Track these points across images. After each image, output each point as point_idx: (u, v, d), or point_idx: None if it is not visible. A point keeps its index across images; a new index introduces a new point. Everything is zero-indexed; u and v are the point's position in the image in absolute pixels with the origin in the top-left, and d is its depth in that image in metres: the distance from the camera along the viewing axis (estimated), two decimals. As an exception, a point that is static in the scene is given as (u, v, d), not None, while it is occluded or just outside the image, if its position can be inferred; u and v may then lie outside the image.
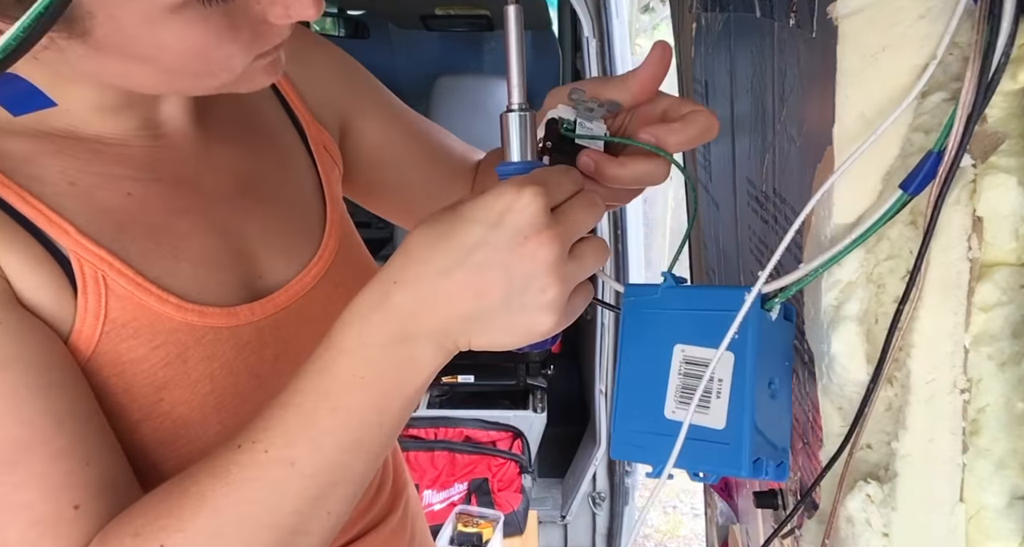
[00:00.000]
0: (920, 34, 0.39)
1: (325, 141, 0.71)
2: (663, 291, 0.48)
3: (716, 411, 0.43)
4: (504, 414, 2.43)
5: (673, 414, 0.45)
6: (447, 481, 2.33)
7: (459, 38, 3.07)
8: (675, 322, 0.46)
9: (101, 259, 0.52)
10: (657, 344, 0.46)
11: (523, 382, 2.54)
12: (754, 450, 0.42)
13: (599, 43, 2.10)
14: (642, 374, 0.47)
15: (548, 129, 0.53)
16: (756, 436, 0.42)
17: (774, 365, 0.45)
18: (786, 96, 0.50)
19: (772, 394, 0.44)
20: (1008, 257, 0.41)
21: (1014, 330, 0.41)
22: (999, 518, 0.43)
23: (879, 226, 0.41)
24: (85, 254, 0.52)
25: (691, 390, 0.45)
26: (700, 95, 0.83)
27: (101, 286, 0.52)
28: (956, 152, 0.38)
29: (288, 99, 0.70)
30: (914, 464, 0.44)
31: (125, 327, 0.53)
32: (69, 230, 0.52)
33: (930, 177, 0.39)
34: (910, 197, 0.40)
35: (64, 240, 0.51)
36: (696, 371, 0.45)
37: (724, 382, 0.43)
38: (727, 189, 0.71)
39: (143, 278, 0.54)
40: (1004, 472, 0.43)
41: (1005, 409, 0.42)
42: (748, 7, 0.57)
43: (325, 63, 0.75)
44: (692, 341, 0.45)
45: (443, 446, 2.35)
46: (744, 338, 0.43)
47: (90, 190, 0.54)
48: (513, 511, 2.29)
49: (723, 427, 0.43)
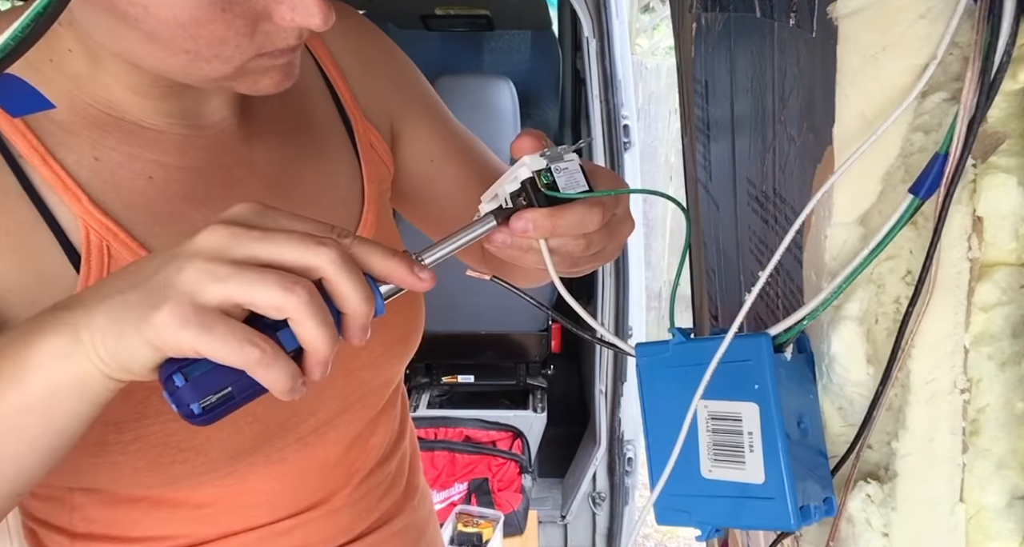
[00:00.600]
0: (920, 34, 0.39)
1: (373, 140, 0.71)
2: (673, 348, 0.46)
3: (753, 465, 0.42)
4: (504, 414, 2.43)
5: (710, 473, 0.43)
6: (447, 481, 2.33)
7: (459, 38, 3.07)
8: (693, 379, 0.43)
9: (107, 229, 0.53)
10: (680, 403, 0.44)
11: (523, 382, 2.54)
12: (799, 499, 0.41)
13: (599, 43, 2.10)
14: (671, 436, 0.45)
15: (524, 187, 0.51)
16: (798, 483, 0.41)
17: (800, 401, 0.44)
18: (786, 96, 0.50)
19: (803, 432, 0.43)
20: (1008, 257, 0.41)
21: (1014, 330, 0.41)
22: (999, 518, 0.43)
23: (893, 235, 0.41)
24: (92, 222, 0.53)
25: (721, 446, 0.43)
26: (700, 95, 0.83)
27: (104, 255, 0.53)
28: (960, 154, 0.38)
29: (340, 95, 0.69)
30: (914, 464, 0.44)
31: None
32: (81, 198, 0.53)
33: (939, 179, 0.39)
34: (922, 201, 0.40)
35: (75, 207, 0.53)
36: (723, 426, 0.43)
37: (754, 434, 0.41)
38: (727, 189, 0.71)
39: (145, 250, 0.54)
40: (1004, 472, 0.43)
41: (1005, 409, 0.42)
42: (748, 7, 0.57)
43: (381, 63, 0.74)
44: (713, 395, 0.43)
45: (443, 446, 2.35)
46: (765, 386, 0.41)
47: (112, 167, 0.55)
48: (513, 511, 2.29)
49: (763, 481, 0.41)
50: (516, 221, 0.49)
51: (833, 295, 0.43)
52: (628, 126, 2.16)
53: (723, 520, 0.43)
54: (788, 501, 0.40)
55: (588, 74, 2.17)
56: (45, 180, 0.52)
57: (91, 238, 0.53)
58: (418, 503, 0.78)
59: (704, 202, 0.88)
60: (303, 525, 0.65)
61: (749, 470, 0.42)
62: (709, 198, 0.84)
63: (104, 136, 0.55)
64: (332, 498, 0.67)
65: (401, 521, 0.74)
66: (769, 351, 0.42)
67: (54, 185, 0.52)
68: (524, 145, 0.51)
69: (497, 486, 2.34)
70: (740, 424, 0.42)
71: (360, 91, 0.70)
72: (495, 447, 2.38)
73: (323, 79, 0.69)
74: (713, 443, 0.43)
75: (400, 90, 0.75)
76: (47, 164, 0.52)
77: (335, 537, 0.67)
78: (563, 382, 2.70)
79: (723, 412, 0.43)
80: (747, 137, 0.62)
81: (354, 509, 0.69)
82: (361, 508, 0.69)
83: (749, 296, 0.45)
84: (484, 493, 2.32)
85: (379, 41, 0.75)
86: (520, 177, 0.51)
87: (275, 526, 0.64)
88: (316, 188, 0.65)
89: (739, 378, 0.42)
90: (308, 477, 0.65)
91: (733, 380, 0.42)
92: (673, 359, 0.46)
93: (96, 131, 0.55)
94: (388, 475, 0.73)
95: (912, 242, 0.42)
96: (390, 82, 0.74)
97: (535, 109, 3.16)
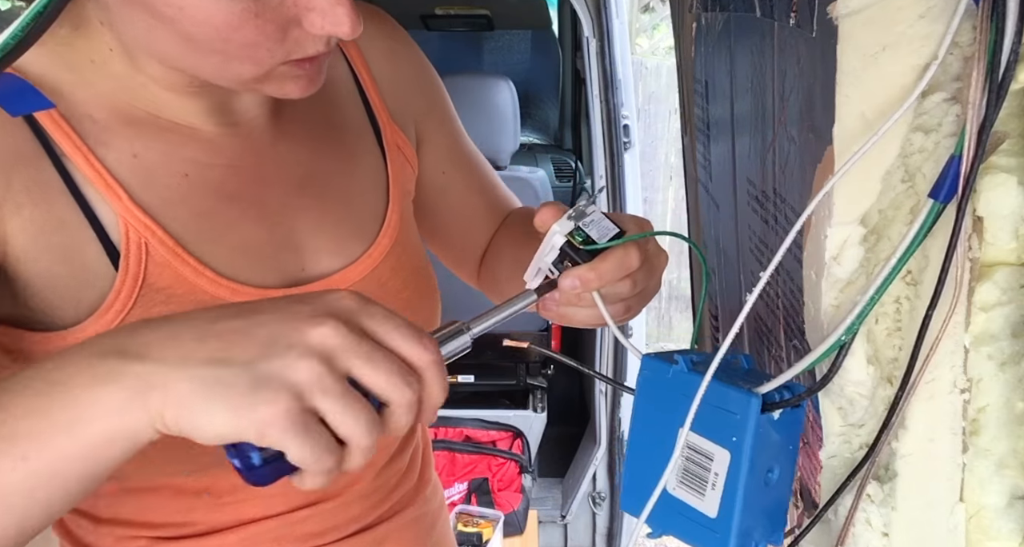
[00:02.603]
0: (920, 34, 0.39)
1: (400, 141, 0.72)
2: (675, 373, 0.48)
3: (710, 501, 0.45)
4: (504, 414, 2.43)
5: (674, 490, 0.47)
6: (447, 481, 2.33)
7: (459, 38, 3.07)
8: (683, 406, 0.46)
9: (145, 226, 0.55)
10: (665, 421, 0.47)
11: (523, 382, 2.54)
12: (739, 541, 0.44)
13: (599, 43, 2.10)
14: (649, 444, 0.49)
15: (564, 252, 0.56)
16: (743, 528, 0.44)
17: (777, 456, 0.46)
18: (786, 96, 0.50)
19: (767, 482, 0.45)
20: (1008, 257, 0.41)
21: (1014, 330, 0.41)
22: (999, 518, 0.43)
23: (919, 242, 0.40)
24: (132, 220, 0.54)
25: (689, 474, 0.46)
26: (700, 95, 0.83)
27: (143, 251, 0.54)
28: (974, 156, 0.38)
29: (369, 96, 0.71)
30: (914, 464, 0.44)
31: (159, 292, 0.55)
32: (121, 195, 0.54)
33: (957, 182, 0.39)
34: (943, 206, 0.39)
35: (115, 204, 0.54)
36: (695, 458, 0.46)
37: (719, 477, 0.44)
38: (727, 189, 0.71)
39: (182, 250, 0.56)
40: (1004, 472, 0.43)
41: (1005, 409, 0.42)
42: (748, 7, 0.57)
43: (410, 67, 0.75)
44: (696, 428, 0.45)
45: (443, 446, 2.35)
46: (741, 444, 0.43)
47: (150, 165, 0.57)
48: (513, 511, 2.29)
49: (714, 516, 0.45)
50: (564, 281, 0.54)
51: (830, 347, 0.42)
52: (628, 126, 2.17)
53: (671, 530, 0.47)
54: (731, 539, 0.44)
55: (588, 74, 2.17)
56: (87, 177, 0.54)
57: (130, 235, 0.54)
58: (429, 495, 0.79)
59: (704, 202, 0.88)
60: (317, 514, 0.66)
61: (706, 503, 0.45)
62: (709, 198, 0.84)
63: (142, 134, 0.57)
64: (347, 490, 0.68)
65: (412, 512, 0.75)
66: (756, 414, 0.43)
67: (95, 182, 0.54)
68: (547, 217, 0.55)
69: (497, 486, 2.34)
70: (711, 463, 0.45)
71: (388, 93, 0.72)
72: (495, 447, 2.38)
73: (353, 79, 0.70)
74: (684, 468, 0.47)
75: (425, 97, 0.76)
76: (89, 162, 0.54)
77: (347, 525, 0.68)
78: (563, 382, 2.70)
79: (700, 447, 0.46)
80: (747, 137, 0.62)
81: (368, 500, 0.70)
82: (375, 499, 0.70)
83: (749, 296, 0.45)
84: (484, 493, 2.32)
85: (409, 47, 0.76)
86: (556, 244, 0.56)
87: (291, 515, 0.65)
88: (343, 187, 0.67)
89: (723, 424, 0.44)
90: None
91: (717, 423, 0.44)
92: (672, 382, 0.48)
93: (134, 129, 0.56)
94: (401, 468, 0.74)
95: (912, 242, 0.42)
96: (417, 88, 0.75)
97: (535, 109, 3.16)
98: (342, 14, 0.48)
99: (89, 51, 0.55)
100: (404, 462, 0.74)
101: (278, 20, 0.48)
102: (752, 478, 0.44)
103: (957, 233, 0.39)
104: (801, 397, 0.44)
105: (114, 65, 0.55)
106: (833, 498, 0.47)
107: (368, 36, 0.71)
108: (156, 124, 0.57)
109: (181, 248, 0.56)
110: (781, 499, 0.47)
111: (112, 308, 0.53)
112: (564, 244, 0.56)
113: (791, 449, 0.47)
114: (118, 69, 0.55)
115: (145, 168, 0.56)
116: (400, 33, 0.76)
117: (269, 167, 0.62)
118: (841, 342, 0.42)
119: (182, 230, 0.56)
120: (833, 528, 0.48)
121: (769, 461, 0.45)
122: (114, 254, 0.54)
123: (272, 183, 0.62)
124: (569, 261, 0.56)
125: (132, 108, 0.57)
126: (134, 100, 0.57)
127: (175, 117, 0.58)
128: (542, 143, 3.16)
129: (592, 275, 0.53)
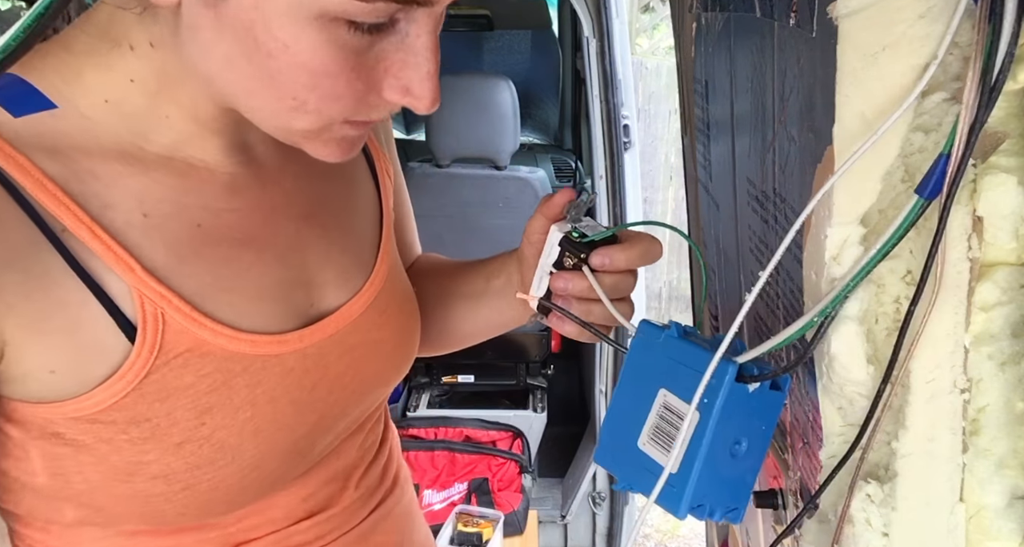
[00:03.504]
0: (920, 34, 0.39)
1: (384, 162, 0.72)
2: (665, 338, 0.51)
3: (674, 457, 0.48)
4: (504, 414, 2.43)
5: (643, 446, 0.50)
6: (447, 481, 2.33)
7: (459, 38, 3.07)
8: (666, 369, 0.50)
9: (161, 296, 0.52)
10: (649, 381, 0.51)
11: (523, 382, 2.54)
12: (695, 499, 0.47)
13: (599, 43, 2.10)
14: (631, 402, 0.52)
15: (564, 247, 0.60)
16: (700, 489, 0.47)
17: (747, 429, 0.48)
18: (786, 96, 0.50)
19: (734, 454, 0.48)
20: (1008, 257, 0.41)
21: (1014, 330, 0.41)
22: (999, 518, 0.43)
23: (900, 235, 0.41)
24: (147, 290, 0.51)
25: (660, 431, 0.49)
26: (700, 95, 0.83)
27: (159, 322, 0.52)
28: (962, 155, 0.38)
29: None
30: (914, 464, 0.44)
31: (177, 358, 0.53)
32: (134, 266, 0.51)
33: (943, 180, 0.39)
34: (927, 202, 0.40)
35: (128, 277, 0.51)
36: (668, 417, 0.49)
37: (686, 435, 0.47)
38: (727, 189, 0.71)
39: (199, 313, 0.53)
40: (1004, 472, 0.43)
41: (1005, 409, 0.42)
42: (748, 7, 0.57)
43: None
44: (674, 390, 0.49)
45: (443, 446, 2.35)
46: (712, 406, 0.46)
47: (162, 222, 0.53)
48: (513, 511, 2.29)
49: (676, 472, 0.47)
50: (594, 258, 0.57)
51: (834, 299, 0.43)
52: (628, 126, 2.17)
53: (636, 485, 0.50)
54: (684, 497, 0.47)
55: (588, 74, 2.17)
56: (94, 251, 0.50)
57: (146, 307, 0.51)
58: (404, 483, 0.80)
59: (704, 202, 0.88)
60: (316, 524, 0.67)
61: (671, 459, 0.48)
62: (709, 198, 0.84)
63: (153, 187, 0.53)
64: (340, 498, 0.69)
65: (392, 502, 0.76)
66: (730, 380, 0.46)
67: (104, 257, 0.50)
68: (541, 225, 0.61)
69: (497, 486, 2.34)
70: (681, 422, 0.47)
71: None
72: (495, 447, 2.38)
73: None
74: (656, 426, 0.50)
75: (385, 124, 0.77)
76: (95, 235, 0.50)
77: (341, 526, 0.70)
78: (563, 382, 2.70)
79: (674, 407, 0.49)
80: (747, 137, 0.62)
81: (356, 503, 0.71)
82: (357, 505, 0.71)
83: (749, 296, 0.45)
84: (484, 493, 2.32)
85: None
86: (554, 242, 0.60)
87: (291, 528, 0.66)
88: (344, 211, 0.67)
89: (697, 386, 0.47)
90: (323, 485, 0.67)
91: (694, 386, 0.47)
92: (661, 346, 0.51)
93: (145, 180, 0.53)
94: (381, 466, 0.75)
95: (912, 242, 0.42)
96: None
97: (535, 109, 3.16)
98: (428, 90, 0.48)
99: (101, 91, 0.51)
100: (383, 459, 0.76)
101: (368, 80, 0.47)
102: (717, 442, 0.46)
103: (941, 231, 0.39)
104: (776, 373, 0.46)
105: (133, 100, 0.52)
106: (819, 492, 0.47)
107: None
108: (168, 167, 0.54)
109: (198, 312, 0.53)
110: (746, 475, 0.49)
111: (124, 378, 0.51)
112: (562, 240, 0.58)
113: (764, 430, 0.49)
114: (137, 104, 0.52)
115: (156, 227, 0.53)
116: None
117: (279, 202, 0.61)
118: (813, 323, 0.44)
119: (198, 286, 0.54)
120: (833, 528, 0.48)
121: (738, 433, 0.48)
122: (126, 325, 0.51)
123: (282, 219, 0.61)
124: (570, 256, 0.59)
125: (141, 152, 0.53)
126: (146, 141, 0.53)
127: (190, 156, 0.55)
128: (542, 143, 3.16)
129: (622, 255, 0.56)
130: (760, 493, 0.61)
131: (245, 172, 0.59)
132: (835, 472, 0.46)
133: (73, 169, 0.50)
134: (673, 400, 0.49)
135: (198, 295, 0.54)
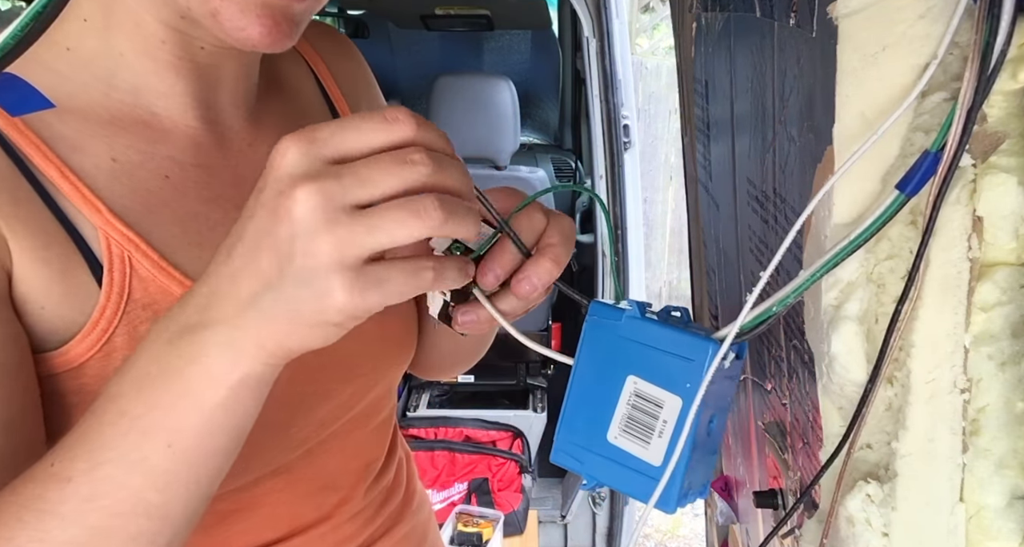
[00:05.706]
0: (920, 34, 0.39)
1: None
2: (626, 319, 0.46)
3: (655, 449, 0.45)
4: (504, 414, 2.43)
5: (615, 439, 0.46)
6: (447, 481, 2.34)
7: (459, 38, 3.07)
8: (633, 353, 0.46)
9: (128, 240, 0.52)
10: (612, 369, 0.47)
11: (523, 382, 2.55)
12: (683, 490, 0.45)
13: (599, 43, 2.10)
14: (592, 393, 0.48)
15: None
16: (687, 475, 0.45)
17: (718, 402, 0.46)
18: (786, 96, 0.50)
19: (709, 432, 0.46)
20: (1008, 257, 0.41)
21: (1014, 330, 0.41)
22: (999, 518, 0.43)
23: (875, 228, 0.41)
24: (113, 233, 0.52)
25: (635, 422, 0.46)
26: (700, 95, 0.83)
27: (126, 265, 0.52)
28: (955, 150, 0.38)
29: (339, 110, 0.71)
30: (914, 464, 0.44)
31: (145, 309, 0.53)
32: (101, 208, 0.52)
33: (927, 177, 0.39)
34: (907, 198, 0.40)
35: (95, 218, 0.52)
36: (643, 406, 0.45)
37: (668, 424, 0.44)
38: (727, 189, 0.71)
39: (167, 262, 0.54)
40: (1004, 472, 0.43)
41: (1005, 409, 0.42)
42: (748, 7, 0.57)
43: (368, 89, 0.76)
44: (646, 377, 0.45)
45: (443, 446, 2.35)
46: (695, 390, 0.43)
47: (130, 168, 0.55)
48: (513, 511, 2.29)
49: (658, 465, 0.44)
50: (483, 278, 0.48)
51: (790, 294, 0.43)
52: (628, 126, 2.17)
53: (609, 481, 0.47)
54: (675, 490, 0.44)
55: (588, 74, 2.17)
56: (63, 192, 0.51)
57: (112, 249, 0.52)
58: (417, 508, 0.78)
59: (704, 202, 0.88)
60: (308, 542, 0.65)
61: (651, 451, 0.45)
62: (709, 198, 0.84)
63: (120, 133, 0.55)
64: (335, 513, 0.67)
65: (402, 528, 0.74)
66: (712, 359, 0.43)
67: (72, 196, 0.51)
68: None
69: (497, 486, 2.34)
70: (660, 410, 0.45)
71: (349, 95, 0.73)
72: (495, 447, 2.38)
73: (323, 95, 0.71)
74: (628, 417, 0.46)
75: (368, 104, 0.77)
76: (64, 176, 0.51)
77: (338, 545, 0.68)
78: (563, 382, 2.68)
79: (649, 394, 0.45)
80: (747, 137, 0.62)
81: (358, 519, 0.69)
82: (365, 517, 0.69)
83: (750, 296, 0.45)
84: (484, 493, 2.32)
85: (367, 70, 0.78)
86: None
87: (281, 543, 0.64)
88: None
89: (676, 371, 0.44)
90: (312, 489, 0.65)
91: (670, 370, 0.44)
92: (622, 329, 0.47)
93: (112, 128, 0.54)
94: (386, 484, 0.73)
95: (912, 242, 0.42)
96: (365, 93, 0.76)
97: (535, 109, 3.16)
98: None
99: (63, 38, 0.53)
100: (389, 477, 0.74)
101: None
102: (701, 423, 0.44)
103: (929, 231, 0.39)
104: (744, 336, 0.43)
105: (88, 43, 0.53)
106: (809, 488, 0.47)
107: (333, 53, 0.72)
108: (133, 116, 0.56)
109: (166, 261, 0.54)
110: (714, 451, 0.47)
111: (97, 327, 0.51)
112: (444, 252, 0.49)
113: (728, 400, 0.47)
114: (93, 47, 0.53)
115: (125, 172, 0.54)
116: (359, 54, 0.78)
117: (246, 170, 0.61)
118: (771, 313, 0.43)
119: (166, 237, 0.55)
120: (833, 528, 0.48)
121: (713, 409, 0.45)
122: (97, 269, 0.52)
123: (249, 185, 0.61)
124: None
125: (108, 99, 0.55)
126: (110, 87, 0.55)
127: (154, 104, 0.56)
128: (542, 143, 3.16)
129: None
130: (760, 493, 0.61)
131: (210, 132, 0.60)
132: (823, 471, 0.46)
133: (41, 116, 0.52)
134: (646, 387, 0.45)
135: (167, 246, 0.54)
